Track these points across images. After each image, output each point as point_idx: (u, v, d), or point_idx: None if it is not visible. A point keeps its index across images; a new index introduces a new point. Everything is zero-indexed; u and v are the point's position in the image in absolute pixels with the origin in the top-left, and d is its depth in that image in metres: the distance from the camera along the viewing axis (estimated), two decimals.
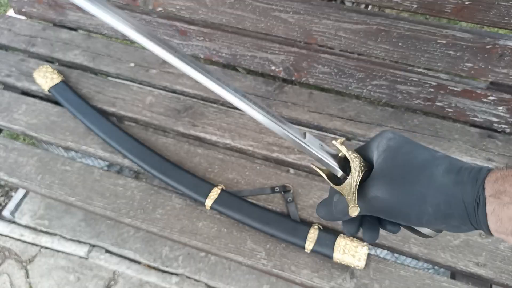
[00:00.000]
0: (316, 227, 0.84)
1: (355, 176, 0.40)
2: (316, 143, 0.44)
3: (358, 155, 0.42)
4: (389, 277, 0.81)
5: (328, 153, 0.44)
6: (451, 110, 1.03)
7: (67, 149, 1.04)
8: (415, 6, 0.87)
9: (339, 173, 0.43)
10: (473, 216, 0.33)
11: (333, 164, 0.44)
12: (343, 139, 0.46)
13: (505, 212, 0.29)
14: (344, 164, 0.43)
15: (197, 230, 0.88)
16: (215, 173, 0.96)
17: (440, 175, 0.34)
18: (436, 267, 0.99)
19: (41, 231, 1.39)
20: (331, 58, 1.05)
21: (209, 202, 0.87)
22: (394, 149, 0.39)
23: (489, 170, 0.32)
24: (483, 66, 0.93)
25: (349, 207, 0.39)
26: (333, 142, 0.43)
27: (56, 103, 1.10)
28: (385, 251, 1.06)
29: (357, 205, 0.39)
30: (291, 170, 1.06)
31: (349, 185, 0.40)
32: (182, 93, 1.13)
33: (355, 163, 0.41)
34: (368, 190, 0.39)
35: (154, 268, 1.32)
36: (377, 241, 0.85)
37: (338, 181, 0.43)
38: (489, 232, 0.32)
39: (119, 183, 0.95)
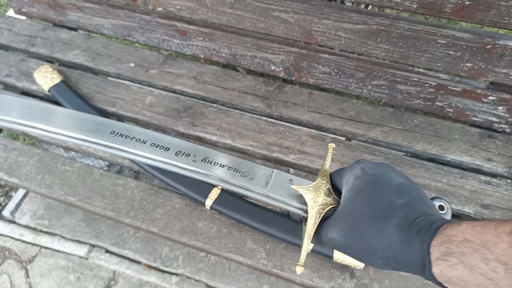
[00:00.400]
0: None
1: (305, 242, 0.40)
2: (283, 182, 0.43)
3: (324, 197, 0.41)
4: (389, 277, 0.81)
5: (294, 195, 0.43)
6: (451, 110, 1.03)
7: (67, 149, 1.04)
8: (415, 6, 0.87)
9: (303, 215, 0.43)
10: (422, 275, 0.33)
11: (295, 210, 0.43)
12: (333, 145, 0.45)
13: (453, 273, 0.30)
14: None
15: (197, 230, 0.88)
16: None
17: (391, 230, 0.34)
18: None
19: (41, 231, 1.39)
20: (331, 58, 1.05)
21: (209, 202, 0.87)
22: (357, 191, 0.38)
23: (437, 229, 0.32)
24: (483, 66, 0.93)
25: (296, 264, 0.40)
26: (293, 187, 0.42)
27: (56, 103, 1.10)
28: None
29: (302, 265, 0.40)
30: (291, 170, 1.05)
31: (303, 235, 0.41)
32: (182, 93, 1.13)
33: (310, 223, 0.40)
34: (327, 230, 0.39)
35: (154, 268, 1.32)
36: None
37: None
38: (440, 285, 0.33)
39: (119, 183, 0.95)
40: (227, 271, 1.30)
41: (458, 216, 0.91)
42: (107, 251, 1.35)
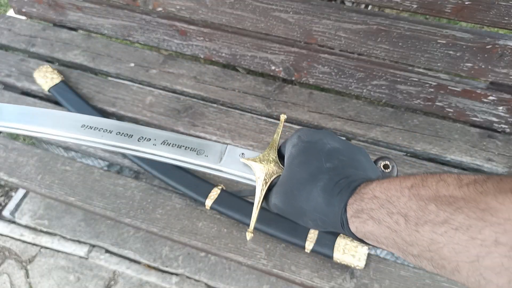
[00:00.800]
0: None
1: (254, 210, 0.43)
2: (235, 156, 0.47)
3: (270, 167, 0.44)
4: (389, 277, 0.81)
5: (246, 168, 0.46)
6: (451, 110, 1.03)
7: (67, 149, 1.04)
8: (415, 6, 0.87)
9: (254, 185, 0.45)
10: (344, 233, 0.36)
11: (246, 181, 0.46)
12: (284, 116, 0.49)
13: (366, 229, 0.32)
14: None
15: (197, 230, 0.88)
16: None
17: (317, 193, 0.37)
18: None
19: (41, 231, 1.39)
20: (331, 58, 1.05)
21: (209, 202, 0.87)
22: (292, 159, 0.41)
23: (354, 189, 0.34)
24: (483, 66, 0.93)
25: (247, 232, 0.44)
26: (242, 160, 0.45)
27: (56, 103, 1.10)
28: (385, 251, 1.06)
29: (251, 232, 0.43)
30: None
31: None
32: (182, 93, 1.13)
33: (257, 192, 0.43)
34: (272, 196, 0.43)
35: (154, 268, 1.32)
36: None
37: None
38: (360, 241, 0.35)
39: (119, 183, 0.95)
40: (227, 271, 1.30)
41: None
42: (107, 251, 1.35)
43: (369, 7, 1.37)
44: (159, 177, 0.92)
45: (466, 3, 0.83)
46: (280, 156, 0.46)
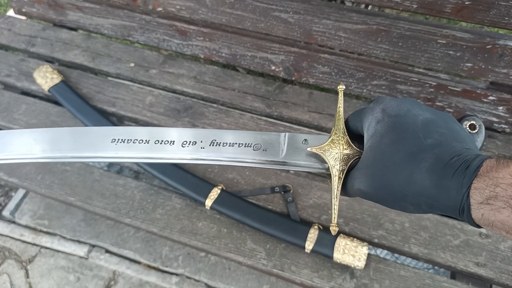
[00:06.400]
0: (316, 227, 0.84)
1: (334, 203, 0.38)
2: (297, 145, 0.41)
3: (344, 152, 0.39)
4: (389, 277, 0.81)
5: (313, 155, 0.41)
6: (451, 110, 1.03)
7: None
8: (415, 6, 0.87)
9: (327, 173, 0.41)
10: (458, 217, 0.32)
11: (317, 170, 0.41)
12: (342, 87, 0.43)
13: (497, 217, 0.28)
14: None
15: (197, 230, 0.88)
16: (215, 173, 0.96)
17: (422, 175, 0.32)
18: (436, 267, 0.99)
19: (41, 231, 1.39)
20: (331, 58, 1.05)
21: (209, 202, 0.87)
22: (379, 137, 0.36)
23: (476, 170, 0.30)
24: (483, 66, 0.93)
25: (330, 225, 0.39)
26: (309, 149, 0.40)
27: (56, 103, 1.10)
28: (385, 251, 1.06)
29: (335, 225, 0.38)
30: (291, 170, 1.05)
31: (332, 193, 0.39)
32: (182, 93, 1.13)
33: (334, 182, 0.38)
34: (353, 181, 0.37)
35: (154, 268, 1.32)
36: (377, 241, 0.85)
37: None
38: (477, 227, 0.31)
39: (119, 183, 0.95)
40: (227, 271, 1.30)
41: None
42: (107, 251, 1.35)
43: (369, 7, 1.37)
44: (159, 177, 0.92)
45: (466, 3, 0.83)
46: (349, 131, 0.41)
